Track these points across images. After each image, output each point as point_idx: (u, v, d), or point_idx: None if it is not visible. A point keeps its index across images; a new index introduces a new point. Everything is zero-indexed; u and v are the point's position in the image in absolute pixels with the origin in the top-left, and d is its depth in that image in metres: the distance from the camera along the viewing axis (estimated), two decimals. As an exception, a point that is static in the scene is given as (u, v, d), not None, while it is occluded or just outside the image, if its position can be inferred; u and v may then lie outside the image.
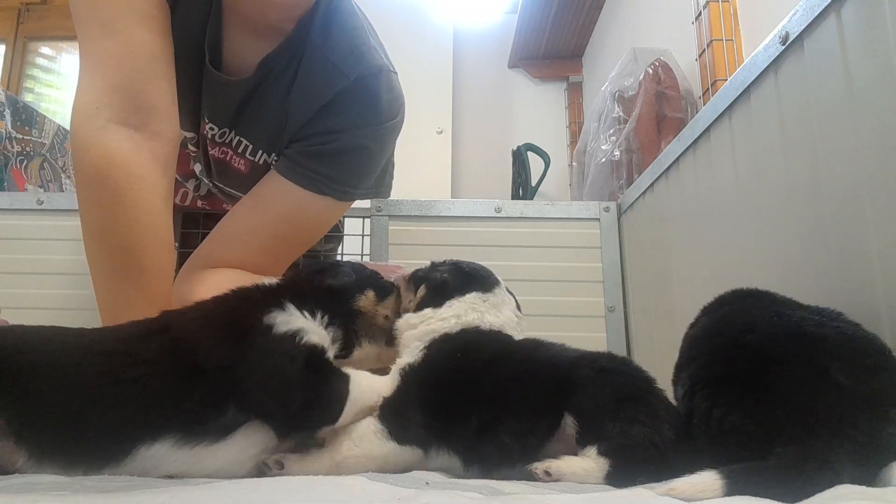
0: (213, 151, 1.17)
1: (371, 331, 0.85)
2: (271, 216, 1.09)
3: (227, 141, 1.14)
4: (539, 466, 0.63)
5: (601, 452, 0.64)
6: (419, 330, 0.81)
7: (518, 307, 0.90)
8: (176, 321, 0.71)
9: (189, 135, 1.16)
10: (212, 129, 1.13)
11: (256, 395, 0.65)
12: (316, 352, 0.70)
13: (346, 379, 0.70)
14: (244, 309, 0.71)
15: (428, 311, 0.83)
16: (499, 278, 0.90)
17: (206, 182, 1.27)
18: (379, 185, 1.19)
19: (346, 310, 0.82)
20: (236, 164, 1.17)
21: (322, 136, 1.07)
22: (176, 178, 1.24)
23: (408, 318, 0.83)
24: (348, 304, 0.82)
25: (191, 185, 1.35)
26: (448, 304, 0.83)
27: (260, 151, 1.14)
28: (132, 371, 0.64)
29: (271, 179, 1.10)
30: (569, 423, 0.67)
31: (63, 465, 0.61)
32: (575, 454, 0.65)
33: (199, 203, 1.42)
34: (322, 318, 0.75)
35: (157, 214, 0.92)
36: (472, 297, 0.84)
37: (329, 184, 1.08)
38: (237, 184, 1.22)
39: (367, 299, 0.85)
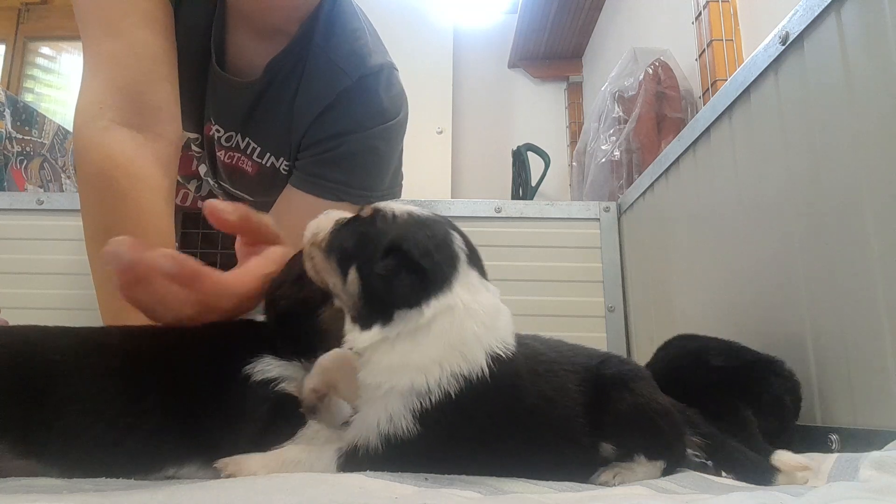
0: (220, 154, 1.17)
1: None
2: (292, 233, 1.10)
3: (234, 145, 1.14)
4: (607, 473, 0.64)
5: (650, 457, 0.65)
6: (382, 387, 0.56)
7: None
8: (173, 353, 0.69)
9: (192, 136, 1.16)
10: (218, 131, 1.13)
11: (225, 426, 0.64)
12: (285, 400, 0.66)
13: (293, 430, 0.64)
14: (226, 361, 0.68)
15: (380, 344, 0.56)
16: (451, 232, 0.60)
17: (211, 182, 1.26)
18: (393, 185, 1.19)
19: (315, 331, 0.68)
20: (244, 167, 1.17)
21: (329, 142, 1.07)
22: (177, 180, 1.25)
23: (361, 362, 0.58)
24: (315, 324, 0.69)
25: (192, 185, 1.35)
26: (415, 321, 0.54)
27: (268, 154, 1.14)
28: (148, 398, 0.64)
29: (288, 195, 1.10)
30: (607, 448, 0.67)
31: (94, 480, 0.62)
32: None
33: (200, 204, 1.42)
34: (299, 357, 0.70)
35: (159, 215, 0.92)
36: (454, 301, 0.55)
37: (345, 189, 1.08)
38: (243, 186, 1.22)
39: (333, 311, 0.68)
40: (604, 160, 2.12)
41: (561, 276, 1.65)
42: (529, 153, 3.35)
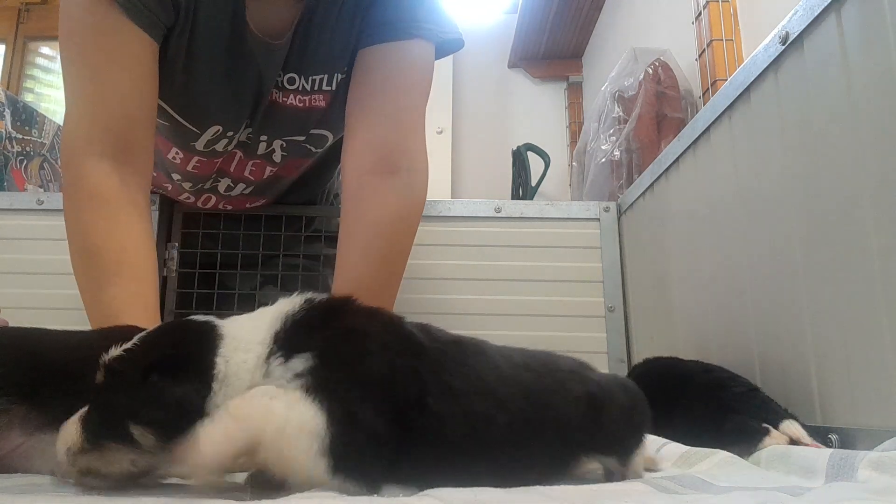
0: (295, 101, 1.21)
1: None
2: (383, 85, 1.15)
3: (299, 87, 1.19)
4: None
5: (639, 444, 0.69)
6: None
7: None
8: None
9: (229, 134, 1.21)
10: (291, 81, 1.18)
11: None
12: None
13: None
14: None
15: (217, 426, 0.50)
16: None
17: (272, 148, 1.29)
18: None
19: None
20: (318, 104, 1.22)
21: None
22: (197, 187, 1.36)
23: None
24: None
25: (222, 185, 1.37)
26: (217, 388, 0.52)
27: (336, 75, 1.19)
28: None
29: (366, 58, 1.15)
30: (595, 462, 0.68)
31: None
32: None
33: (222, 205, 1.45)
34: None
35: (146, 235, 1.04)
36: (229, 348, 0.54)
37: (417, 24, 1.13)
38: (322, 122, 1.26)
39: None
40: (604, 160, 2.12)
41: (561, 276, 1.65)
42: (529, 153, 3.35)
